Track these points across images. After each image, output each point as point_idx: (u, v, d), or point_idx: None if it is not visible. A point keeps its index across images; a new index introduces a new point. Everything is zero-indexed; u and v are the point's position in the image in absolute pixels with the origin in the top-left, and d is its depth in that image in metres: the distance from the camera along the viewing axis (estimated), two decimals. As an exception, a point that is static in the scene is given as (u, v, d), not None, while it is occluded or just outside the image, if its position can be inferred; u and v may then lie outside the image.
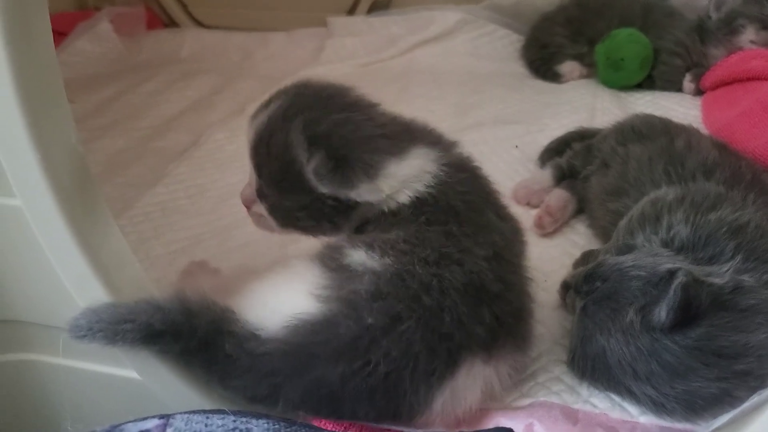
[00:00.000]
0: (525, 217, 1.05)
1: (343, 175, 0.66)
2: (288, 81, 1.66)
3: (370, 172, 0.67)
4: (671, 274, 0.67)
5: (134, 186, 1.16)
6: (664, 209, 0.80)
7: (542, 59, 1.68)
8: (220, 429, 0.53)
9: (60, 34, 1.81)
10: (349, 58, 1.77)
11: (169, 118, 1.46)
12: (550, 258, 0.96)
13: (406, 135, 0.72)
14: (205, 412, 0.56)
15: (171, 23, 2.02)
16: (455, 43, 1.80)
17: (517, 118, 1.40)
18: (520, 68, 1.72)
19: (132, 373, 0.66)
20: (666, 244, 0.76)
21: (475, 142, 1.28)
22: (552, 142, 1.21)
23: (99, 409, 0.69)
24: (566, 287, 0.80)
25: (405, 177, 0.69)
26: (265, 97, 1.42)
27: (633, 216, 0.83)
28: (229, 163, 1.22)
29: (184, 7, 2.00)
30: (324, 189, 0.67)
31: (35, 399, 0.71)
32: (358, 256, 0.64)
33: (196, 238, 1.02)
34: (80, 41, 1.79)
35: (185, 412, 0.56)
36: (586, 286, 0.74)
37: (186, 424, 0.54)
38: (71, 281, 0.60)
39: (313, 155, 0.66)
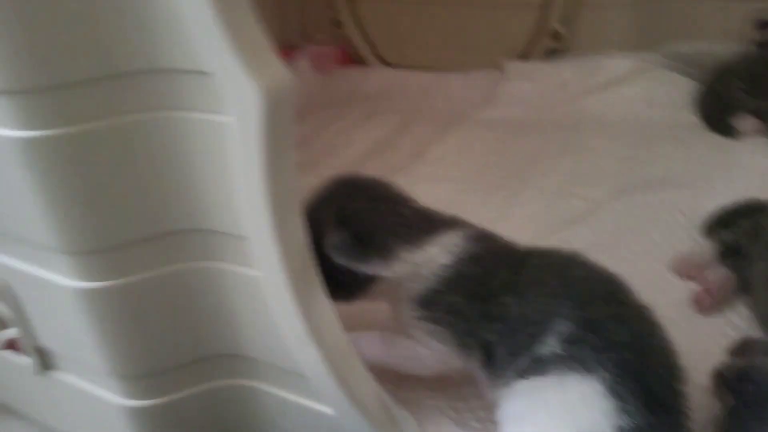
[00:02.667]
0: (684, 290, 1.09)
1: (358, 251, 0.83)
2: (463, 123, 1.79)
3: (384, 252, 0.83)
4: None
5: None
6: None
7: (719, 111, 1.65)
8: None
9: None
10: (521, 102, 1.85)
11: (358, 158, 1.63)
12: (705, 335, 0.98)
13: (428, 226, 0.86)
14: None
15: (360, 61, 2.21)
16: (628, 90, 1.81)
17: (686, 179, 1.40)
18: (694, 118, 1.70)
19: (327, 409, 0.82)
20: (825, 350, 0.77)
21: (639, 205, 1.32)
22: (719, 212, 1.22)
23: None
24: (719, 377, 0.84)
25: (422, 259, 0.83)
26: (443, 140, 1.55)
27: (794, 313, 0.85)
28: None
29: (373, 46, 2.18)
30: (340, 260, 0.83)
31: (247, 417, 0.89)
32: None
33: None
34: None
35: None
36: (737, 385, 0.78)
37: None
38: (291, 340, 0.76)
39: (336, 232, 0.83)
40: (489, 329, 0.79)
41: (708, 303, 1.02)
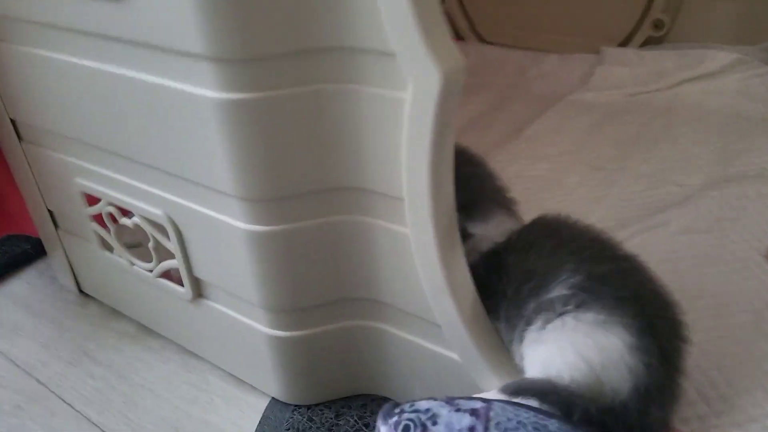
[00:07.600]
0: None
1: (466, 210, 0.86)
2: (558, 103, 1.83)
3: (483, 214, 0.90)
4: None
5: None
6: None
7: (819, 109, 1.67)
8: (525, 419, 0.71)
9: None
10: (616, 87, 1.89)
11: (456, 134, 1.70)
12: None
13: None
14: (514, 404, 0.74)
15: (457, 37, 2.26)
16: (725, 81, 1.82)
17: (783, 175, 1.43)
18: (792, 115, 1.72)
19: (455, 355, 0.91)
20: None
21: (737, 196, 1.36)
22: (816, 208, 1.26)
23: (429, 380, 0.96)
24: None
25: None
26: (539, 119, 1.60)
27: None
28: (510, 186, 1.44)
29: (472, 23, 2.24)
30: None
31: (374, 355, 1.00)
32: None
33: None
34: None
35: (500, 401, 0.74)
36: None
37: (502, 411, 0.72)
38: (430, 291, 0.86)
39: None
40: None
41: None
